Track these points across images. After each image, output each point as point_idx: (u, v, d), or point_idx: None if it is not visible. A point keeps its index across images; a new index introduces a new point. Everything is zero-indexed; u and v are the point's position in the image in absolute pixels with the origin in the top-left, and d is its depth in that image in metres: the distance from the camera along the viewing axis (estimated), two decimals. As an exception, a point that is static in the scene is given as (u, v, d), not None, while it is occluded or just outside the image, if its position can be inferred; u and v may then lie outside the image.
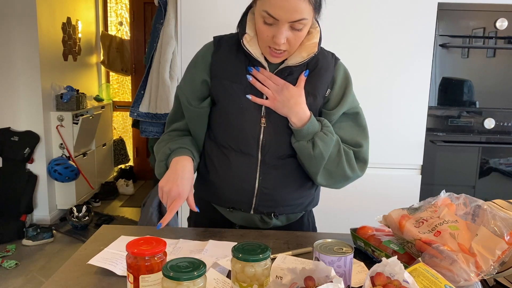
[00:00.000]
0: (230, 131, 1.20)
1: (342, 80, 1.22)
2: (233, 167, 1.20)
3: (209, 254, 1.07)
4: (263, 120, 1.16)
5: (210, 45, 1.23)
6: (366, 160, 1.22)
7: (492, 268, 0.84)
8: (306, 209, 1.30)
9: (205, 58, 1.21)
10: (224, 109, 1.19)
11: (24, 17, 3.44)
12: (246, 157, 1.19)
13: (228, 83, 1.17)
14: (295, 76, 1.16)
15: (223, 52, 1.19)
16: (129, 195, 4.62)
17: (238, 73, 1.17)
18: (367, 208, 2.02)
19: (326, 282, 0.73)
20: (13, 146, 3.51)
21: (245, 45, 1.13)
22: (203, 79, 1.20)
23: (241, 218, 1.26)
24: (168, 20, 2.65)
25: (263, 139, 1.17)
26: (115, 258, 1.03)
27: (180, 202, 1.12)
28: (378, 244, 1.05)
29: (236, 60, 1.17)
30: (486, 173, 2.13)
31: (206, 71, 1.20)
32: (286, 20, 1.04)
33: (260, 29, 1.09)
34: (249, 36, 1.13)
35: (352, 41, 2.01)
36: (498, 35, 2.02)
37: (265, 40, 1.10)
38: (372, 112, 2.04)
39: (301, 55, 1.14)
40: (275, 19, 1.04)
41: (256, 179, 1.20)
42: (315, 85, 1.18)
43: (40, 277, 2.86)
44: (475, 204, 0.95)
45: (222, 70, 1.18)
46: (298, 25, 1.05)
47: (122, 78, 5.02)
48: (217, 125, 1.23)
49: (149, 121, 2.86)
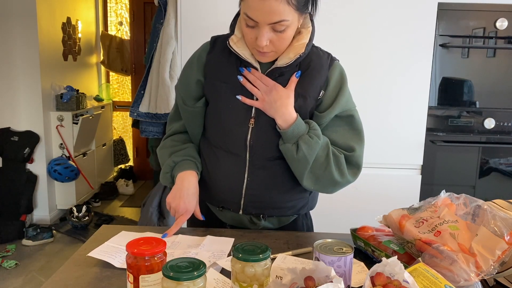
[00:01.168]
0: (219, 131, 1.20)
1: (337, 81, 1.18)
2: (222, 167, 1.21)
3: (206, 249, 1.09)
4: (252, 121, 1.16)
5: (206, 45, 1.24)
6: (359, 165, 1.19)
7: (492, 268, 0.84)
8: (299, 212, 1.28)
9: (200, 58, 1.22)
10: (215, 109, 1.20)
11: (24, 17, 3.44)
12: (235, 157, 1.19)
13: (219, 83, 1.18)
14: (286, 77, 1.15)
15: (216, 53, 1.20)
16: (129, 195, 4.62)
17: (229, 73, 1.17)
18: (367, 208, 2.01)
19: (326, 282, 0.73)
20: (13, 146, 3.51)
21: (232, 46, 1.14)
22: (197, 79, 1.21)
23: (231, 218, 1.27)
24: (168, 20, 2.65)
25: (250, 140, 1.17)
26: (114, 251, 1.05)
27: (186, 216, 1.20)
28: (378, 244, 1.05)
29: (228, 61, 1.18)
30: (486, 173, 2.13)
31: (200, 71, 1.21)
32: (265, 22, 1.03)
33: (244, 31, 1.10)
34: (237, 37, 1.14)
35: (352, 41, 2.01)
36: (498, 35, 2.02)
37: (250, 42, 1.11)
38: (372, 112, 2.05)
39: (288, 56, 1.13)
40: (255, 22, 1.04)
41: (244, 180, 1.20)
42: (305, 86, 1.16)
43: (40, 277, 2.86)
44: (475, 204, 0.95)
45: (214, 70, 1.19)
46: (279, 26, 1.04)
47: (122, 78, 5.02)
48: (209, 125, 1.24)
49: (149, 121, 2.86)
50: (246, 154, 1.18)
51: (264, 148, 1.18)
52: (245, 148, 1.18)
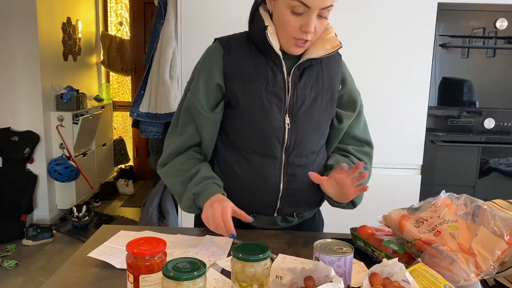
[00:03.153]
0: (252, 134, 1.16)
1: (350, 76, 1.26)
2: (256, 171, 1.17)
3: (205, 248, 1.09)
4: (287, 120, 1.15)
5: (218, 47, 1.18)
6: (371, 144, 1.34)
7: (492, 268, 0.84)
8: (319, 205, 1.32)
9: (216, 62, 1.16)
10: (245, 111, 1.15)
11: (24, 17, 3.44)
12: (270, 159, 1.16)
13: (247, 84, 1.14)
14: (312, 70, 1.17)
15: (235, 53, 1.16)
16: (129, 195, 4.62)
17: (255, 72, 1.14)
18: (367, 208, 2.01)
19: (326, 282, 0.73)
20: (13, 146, 3.51)
21: (269, 37, 1.11)
22: (216, 83, 1.15)
23: (263, 222, 1.24)
24: (168, 20, 2.65)
25: (287, 140, 1.15)
26: (114, 252, 1.05)
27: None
28: (378, 244, 1.05)
29: (251, 59, 1.15)
30: (486, 173, 2.13)
31: (220, 75, 1.15)
32: (318, 7, 1.05)
33: (287, 20, 1.08)
34: (272, 28, 1.12)
35: (352, 41, 2.01)
36: (498, 35, 2.02)
37: (291, 31, 1.09)
38: (372, 112, 2.04)
39: (325, 48, 1.15)
40: (307, 7, 1.05)
41: (281, 181, 1.18)
42: (331, 81, 1.20)
43: (40, 277, 2.86)
44: (475, 204, 0.95)
45: (239, 71, 1.14)
46: (326, 12, 1.08)
47: (122, 78, 5.02)
48: (237, 128, 1.18)
49: (149, 121, 2.87)
50: (282, 155, 1.17)
51: (300, 147, 1.17)
52: (281, 148, 1.16)
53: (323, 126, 1.21)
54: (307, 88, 1.16)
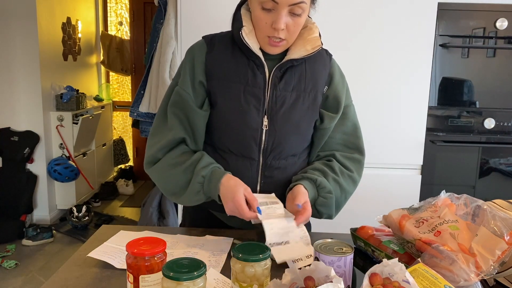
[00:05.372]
0: (229, 134, 1.15)
1: (339, 77, 1.22)
2: (233, 172, 1.14)
3: (205, 249, 1.09)
4: (265, 122, 1.13)
5: (202, 44, 1.17)
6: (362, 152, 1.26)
7: (492, 268, 0.84)
8: None
9: (199, 59, 1.15)
10: (223, 111, 1.14)
11: (24, 17, 3.44)
12: (247, 160, 1.16)
13: (226, 83, 1.13)
14: (294, 71, 1.15)
15: (218, 51, 1.15)
16: (129, 195, 4.62)
17: (235, 71, 1.13)
18: (367, 208, 2.01)
19: (326, 282, 0.73)
20: (13, 146, 3.51)
21: (244, 38, 1.10)
22: (199, 80, 1.15)
23: (241, 222, 1.21)
24: (168, 20, 2.65)
25: (265, 142, 1.14)
26: (114, 252, 1.05)
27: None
28: (378, 244, 1.05)
29: (233, 58, 1.14)
30: (486, 173, 2.13)
31: (202, 72, 1.15)
32: (287, 3, 1.03)
33: (258, 17, 1.07)
34: (248, 28, 1.11)
35: (352, 41, 2.01)
36: (498, 35, 2.02)
37: (264, 29, 1.08)
38: (372, 112, 2.05)
39: (305, 48, 1.13)
40: (275, 3, 1.03)
41: (257, 183, 1.17)
42: (315, 81, 1.17)
43: (40, 277, 2.86)
44: (475, 204, 0.95)
45: (219, 69, 1.14)
46: (298, 9, 1.05)
47: (122, 78, 5.02)
48: (215, 128, 1.17)
49: (149, 121, 2.87)
50: (259, 157, 1.15)
51: (279, 149, 1.16)
52: (258, 150, 1.15)
53: (304, 128, 1.19)
54: (288, 89, 1.14)
